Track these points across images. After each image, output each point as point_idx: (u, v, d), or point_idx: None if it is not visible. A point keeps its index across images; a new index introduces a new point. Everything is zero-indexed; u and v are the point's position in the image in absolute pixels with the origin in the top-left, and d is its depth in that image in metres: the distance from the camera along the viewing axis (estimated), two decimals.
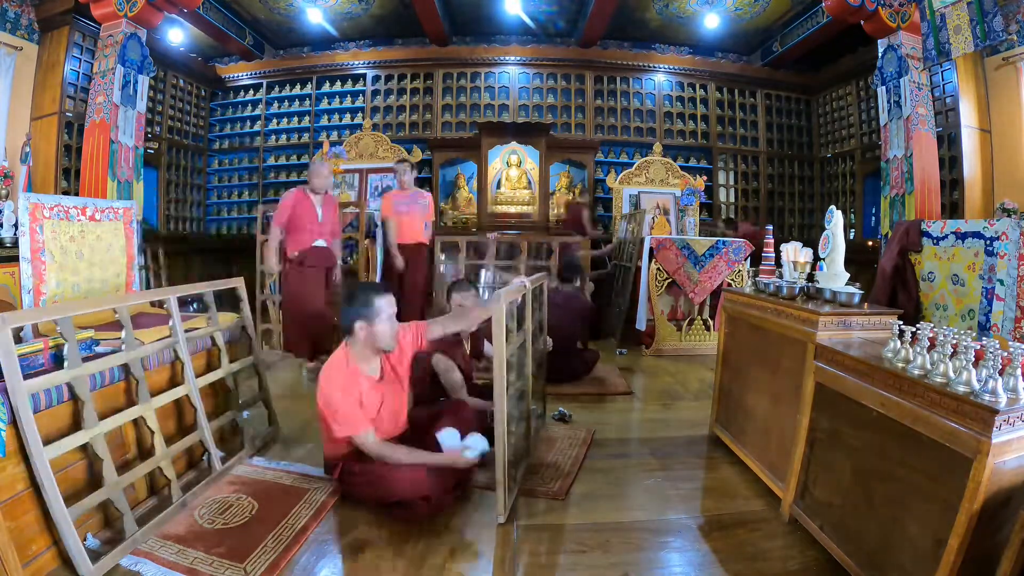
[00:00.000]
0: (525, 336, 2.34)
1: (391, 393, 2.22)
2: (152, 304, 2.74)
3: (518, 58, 7.53)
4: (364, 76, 7.62)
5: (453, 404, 2.47)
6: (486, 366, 3.00)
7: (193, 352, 2.34)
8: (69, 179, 5.18)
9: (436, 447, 2.12)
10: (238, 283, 2.76)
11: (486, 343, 3.10)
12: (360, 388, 2.09)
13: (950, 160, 5.05)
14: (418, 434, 2.24)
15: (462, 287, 3.01)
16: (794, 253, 2.45)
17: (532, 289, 2.46)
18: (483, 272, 3.40)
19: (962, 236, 3.20)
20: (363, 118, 7.38)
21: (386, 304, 2.11)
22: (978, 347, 1.38)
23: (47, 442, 1.60)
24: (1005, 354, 1.33)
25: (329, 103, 7.65)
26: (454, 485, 2.08)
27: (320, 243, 3.87)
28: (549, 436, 2.79)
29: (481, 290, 3.03)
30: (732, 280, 4.78)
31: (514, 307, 2.14)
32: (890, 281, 3.63)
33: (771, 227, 2.99)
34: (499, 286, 3.84)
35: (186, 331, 2.32)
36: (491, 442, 2.06)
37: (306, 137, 7.61)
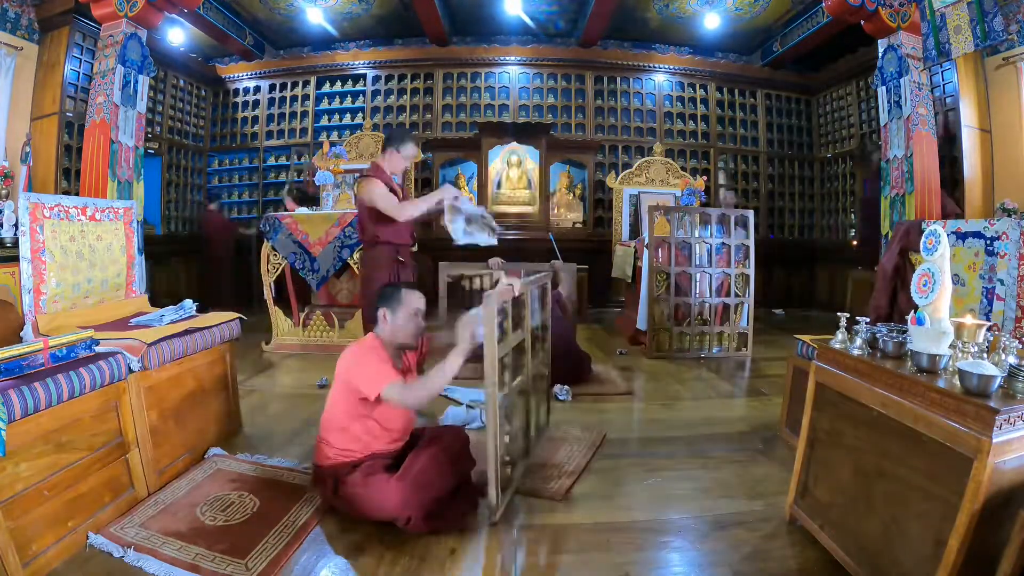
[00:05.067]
0: (524, 336, 2.34)
1: None
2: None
3: (518, 58, 7.53)
4: (364, 76, 7.62)
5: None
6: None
7: (194, 351, 2.34)
8: (69, 179, 5.18)
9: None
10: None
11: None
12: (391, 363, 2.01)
13: (950, 160, 5.05)
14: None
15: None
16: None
17: (532, 288, 2.45)
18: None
19: (962, 236, 3.20)
20: (363, 118, 7.37)
21: (414, 299, 2.05)
22: None
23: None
24: None
25: (329, 103, 7.64)
26: (451, 494, 1.99)
27: None
28: (558, 437, 2.76)
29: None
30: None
31: (508, 307, 2.11)
32: (891, 281, 3.64)
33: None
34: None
35: (186, 331, 2.33)
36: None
37: (306, 137, 7.61)
